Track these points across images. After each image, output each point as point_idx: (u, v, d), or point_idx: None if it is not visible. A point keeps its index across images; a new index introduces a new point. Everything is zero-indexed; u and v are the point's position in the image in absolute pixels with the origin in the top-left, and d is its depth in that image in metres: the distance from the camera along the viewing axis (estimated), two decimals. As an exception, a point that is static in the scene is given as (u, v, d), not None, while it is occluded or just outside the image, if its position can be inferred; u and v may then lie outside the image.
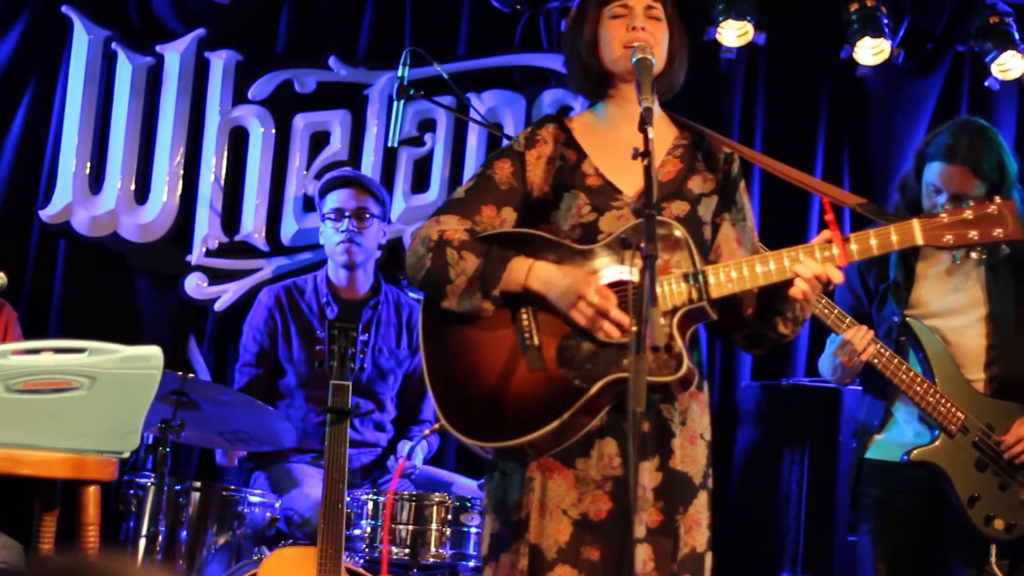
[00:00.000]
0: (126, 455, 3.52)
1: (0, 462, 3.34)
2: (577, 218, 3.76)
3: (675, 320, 3.63)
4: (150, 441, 5.14)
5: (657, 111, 3.81)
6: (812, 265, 3.65)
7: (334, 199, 6.19)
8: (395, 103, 5.93)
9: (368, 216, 6.13)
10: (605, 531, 3.66)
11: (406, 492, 5.34)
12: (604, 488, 3.68)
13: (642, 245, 3.36)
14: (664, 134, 3.90)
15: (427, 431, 4.32)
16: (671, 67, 3.89)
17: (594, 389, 3.59)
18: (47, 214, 6.67)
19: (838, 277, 3.68)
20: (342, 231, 6.11)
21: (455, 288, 3.68)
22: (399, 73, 5.80)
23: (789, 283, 3.66)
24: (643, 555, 3.66)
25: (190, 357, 5.43)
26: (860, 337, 4.89)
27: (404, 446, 5.98)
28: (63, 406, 3.37)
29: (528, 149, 3.86)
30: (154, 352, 3.42)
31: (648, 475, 3.69)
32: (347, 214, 6.12)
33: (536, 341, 3.66)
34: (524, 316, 3.69)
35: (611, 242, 3.72)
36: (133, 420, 3.47)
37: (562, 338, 3.66)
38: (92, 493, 3.51)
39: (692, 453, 3.79)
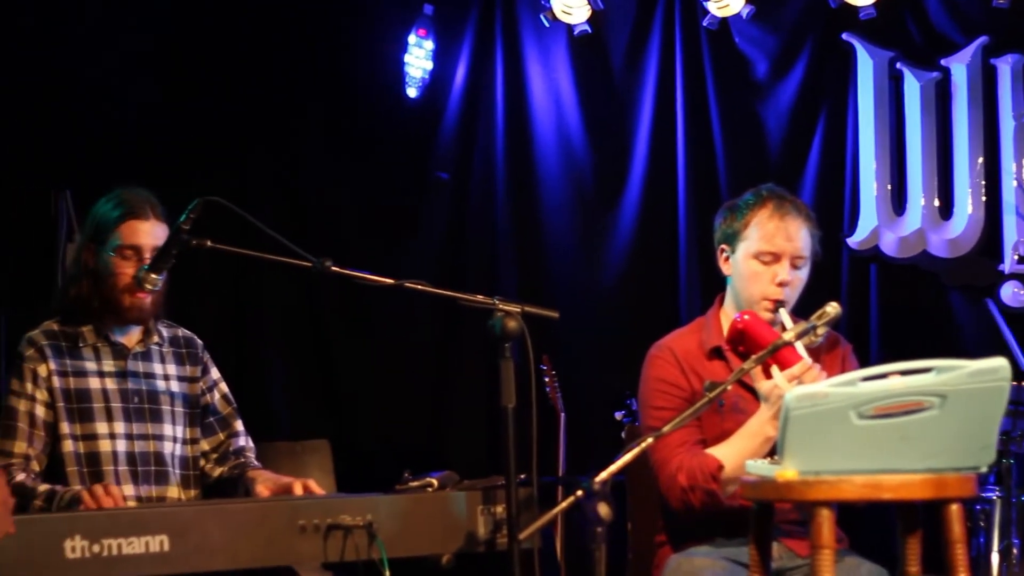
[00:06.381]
0: (983, 470, 3.49)
1: (862, 488, 3.39)
2: None
3: None
4: (990, 454, 5.11)
5: None
6: None
7: None
8: None
9: None
10: None
11: None
12: None
13: None
14: None
15: None
16: None
17: None
18: (855, 241, 6.78)
19: None
20: None
21: None
22: None
23: None
24: None
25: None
26: None
27: None
28: (914, 427, 3.39)
29: None
30: (1001, 364, 3.38)
31: None
32: None
33: None
34: None
35: None
36: (987, 434, 3.45)
37: None
38: (955, 511, 3.50)
39: None
